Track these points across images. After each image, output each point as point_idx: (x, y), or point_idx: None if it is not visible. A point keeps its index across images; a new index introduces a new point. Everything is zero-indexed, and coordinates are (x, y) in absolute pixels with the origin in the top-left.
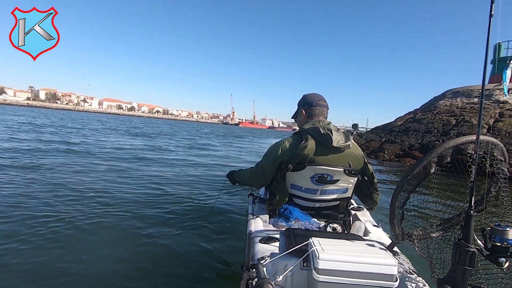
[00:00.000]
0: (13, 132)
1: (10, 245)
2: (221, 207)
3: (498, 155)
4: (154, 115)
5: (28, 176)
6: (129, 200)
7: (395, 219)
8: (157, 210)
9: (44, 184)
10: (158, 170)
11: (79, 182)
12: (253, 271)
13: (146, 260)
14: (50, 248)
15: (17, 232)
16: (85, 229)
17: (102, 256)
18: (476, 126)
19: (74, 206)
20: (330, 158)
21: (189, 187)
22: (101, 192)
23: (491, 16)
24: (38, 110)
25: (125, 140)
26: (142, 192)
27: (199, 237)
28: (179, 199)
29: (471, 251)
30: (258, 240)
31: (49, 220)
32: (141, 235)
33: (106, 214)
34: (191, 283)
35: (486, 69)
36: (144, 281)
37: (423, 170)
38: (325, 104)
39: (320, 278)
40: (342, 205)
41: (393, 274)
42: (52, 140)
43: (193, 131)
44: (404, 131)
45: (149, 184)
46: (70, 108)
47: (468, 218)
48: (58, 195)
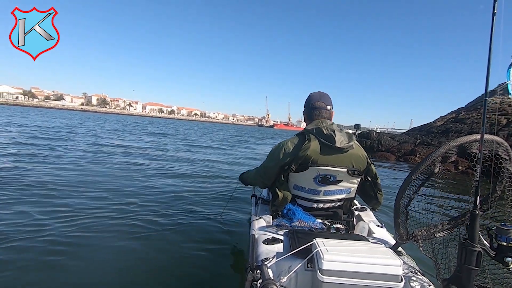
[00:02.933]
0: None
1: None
2: (224, 208)
3: (503, 154)
4: (192, 118)
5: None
6: (144, 200)
7: (399, 219)
8: (158, 210)
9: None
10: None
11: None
12: (257, 272)
13: (149, 261)
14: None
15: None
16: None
17: (104, 258)
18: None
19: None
20: (333, 158)
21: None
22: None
23: (494, 14)
24: (93, 115)
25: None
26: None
27: (202, 238)
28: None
29: (476, 251)
30: (261, 241)
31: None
32: (144, 236)
33: (109, 211)
34: (195, 285)
35: (490, 68)
36: (148, 281)
37: (427, 169)
38: (323, 105)
39: (325, 279)
40: (345, 206)
41: (398, 274)
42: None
43: (232, 135)
44: (443, 132)
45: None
46: (117, 112)
47: (473, 217)
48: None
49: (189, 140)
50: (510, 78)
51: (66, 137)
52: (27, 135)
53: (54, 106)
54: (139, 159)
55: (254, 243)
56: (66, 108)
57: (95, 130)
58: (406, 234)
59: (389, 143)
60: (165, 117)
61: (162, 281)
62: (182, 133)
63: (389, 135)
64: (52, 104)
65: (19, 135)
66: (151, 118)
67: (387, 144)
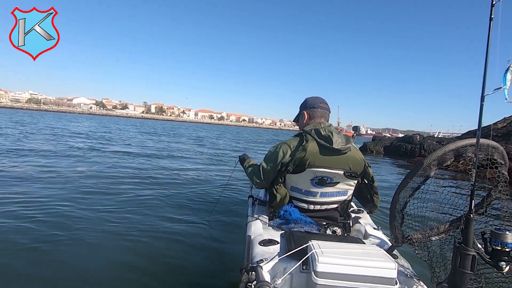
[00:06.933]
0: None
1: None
2: (220, 209)
3: (498, 158)
4: (240, 123)
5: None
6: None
7: (395, 222)
8: (159, 208)
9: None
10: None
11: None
12: (252, 274)
13: (143, 262)
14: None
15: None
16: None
17: (99, 257)
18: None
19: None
20: (330, 160)
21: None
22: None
23: (491, 19)
24: (151, 122)
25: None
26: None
27: (197, 240)
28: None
29: (471, 255)
30: (257, 242)
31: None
32: (137, 236)
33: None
34: (190, 286)
35: (486, 73)
36: (141, 284)
37: (423, 173)
38: (326, 107)
39: (319, 281)
40: (342, 208)
41: (392, 277)
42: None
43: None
44: (504, 136)
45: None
46: (172, 119)
47: (468, 221)
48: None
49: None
50: (506, 83)
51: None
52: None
53: (120, 114)
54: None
55: (250, 244)
56: (129, 116)
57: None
58: (401, 237)
59: (433, 147)
60: (215, 123)
61: (154, 283)
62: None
63: (441, 139)
64: (118, 112)
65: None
66: (202, 124)
67: (430, 148)
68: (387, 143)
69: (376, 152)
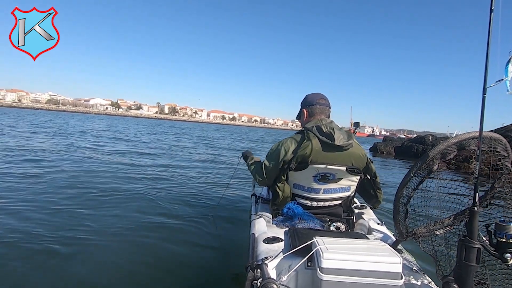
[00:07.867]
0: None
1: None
2: (223, 207)
3: (501, 151)
4: (252, 124)
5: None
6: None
7: (399, 216)
8: (160, 207)
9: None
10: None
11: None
12: (258, 271)
13: (147, 260)
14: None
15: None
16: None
17: (102, 257)
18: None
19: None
20: (332, 156)
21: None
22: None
23: (492, 11)
24: (164, 122)
25: None
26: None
27: (201, 238)
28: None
29: (476, 247)
30: (261, 240)
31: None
32: (141, 234)
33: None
34: (195, 284)
35: (488, 64)
36: (145, 281)
37: (426, 167)
38: (326, 103)
39: (325, 277)
40: (345, 204)
41: (398, 272)
42: None
43: None
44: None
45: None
46: (184, 119)
47: (472, 214)
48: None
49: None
50: (508, 75)
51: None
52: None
53: (134, 115)
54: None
55: (254, 242)
56: (143, 116)
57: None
58: (405, 231)
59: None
60: (227, 124)
61: (158, 281)
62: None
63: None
64: (132, 113)
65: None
66: (214, 124)
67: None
68: (398, 144)
69: (386, 153)
